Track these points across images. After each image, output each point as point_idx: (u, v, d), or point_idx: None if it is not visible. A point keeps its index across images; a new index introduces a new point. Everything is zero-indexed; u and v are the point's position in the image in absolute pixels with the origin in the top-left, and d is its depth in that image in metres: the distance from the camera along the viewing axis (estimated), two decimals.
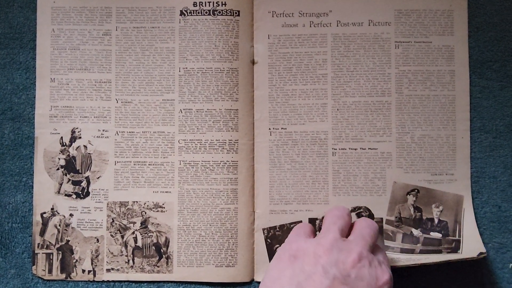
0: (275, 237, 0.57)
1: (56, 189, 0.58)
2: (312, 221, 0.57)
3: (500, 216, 0.57)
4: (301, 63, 0.58)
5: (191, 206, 0.58)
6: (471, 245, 0.55)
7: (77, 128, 0.59)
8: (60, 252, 0.58)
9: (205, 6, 0.59)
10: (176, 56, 0.59)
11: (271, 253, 0.57)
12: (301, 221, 0.57)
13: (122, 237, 0.58)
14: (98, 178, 0.58)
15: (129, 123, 0.58)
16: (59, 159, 0.59)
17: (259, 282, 0.57)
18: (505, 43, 0.58)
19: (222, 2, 0.58)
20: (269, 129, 0.58)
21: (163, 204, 0.58)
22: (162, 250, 0.58)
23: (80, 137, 0.59)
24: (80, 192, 0.58)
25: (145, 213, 0.58)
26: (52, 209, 0.58)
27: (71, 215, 0.58)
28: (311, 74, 0.58)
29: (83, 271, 0.58)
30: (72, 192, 0.58)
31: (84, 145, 0.59)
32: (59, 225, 0.58)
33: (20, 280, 0.58)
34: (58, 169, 0.59)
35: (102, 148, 0.58)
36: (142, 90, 0.59)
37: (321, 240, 0.47)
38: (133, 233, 0.58)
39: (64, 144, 0.59)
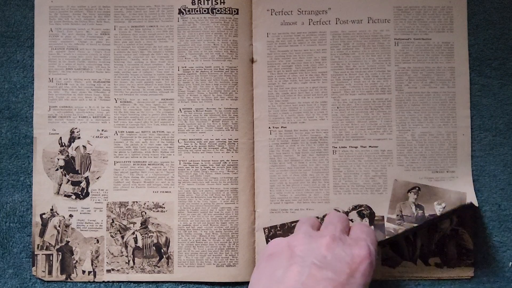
0: (276, 237, 0.57)
1: (56, 189, 0.58)
2: None
3: (500, 215, 0.57)
4: (301, 61, 0.58)
5: (191, 206, 0.57)
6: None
7: (76, 128, 0.58)
8: (60, 253, 0.58)
9: (204, 4, 0.58)
10: (175, 55, 0.58)
11: None
12: None
13: (122, 237, 0.58)
14: (98, 178, 0.58)
15: (128, 123, 0.58)
16: (58, 159, 0.58)
17: None
18: (504, 41, 0.58)
19: (220, 0, 0.58)
20: (269, 127, 0.58)
21: (163, 204, 0.58)
22: (162, 250, 0.57)
23: (79, 137, 0.58)
24: (80, 193, 0.58)
25: (145, 213, 0.58)
26: (51, 210, 0.58)
27: (70, 215, 0.58)
28: (310, 72, 0.58)
29: (83, 272, 0.58)
30: (71, 193, 0.58)
31: (83, 145, 0.58)
32: (59, 226, 0.58)
33: (18, 280, 0.58)
34: (57, 169, 0.58)
35: (101, 148, 0.58)
36: (141, 89, 0.58)
37: (294, 234, 0.49)
38: (133, 233, 0.58)
39: (63, 144, 0.58)
